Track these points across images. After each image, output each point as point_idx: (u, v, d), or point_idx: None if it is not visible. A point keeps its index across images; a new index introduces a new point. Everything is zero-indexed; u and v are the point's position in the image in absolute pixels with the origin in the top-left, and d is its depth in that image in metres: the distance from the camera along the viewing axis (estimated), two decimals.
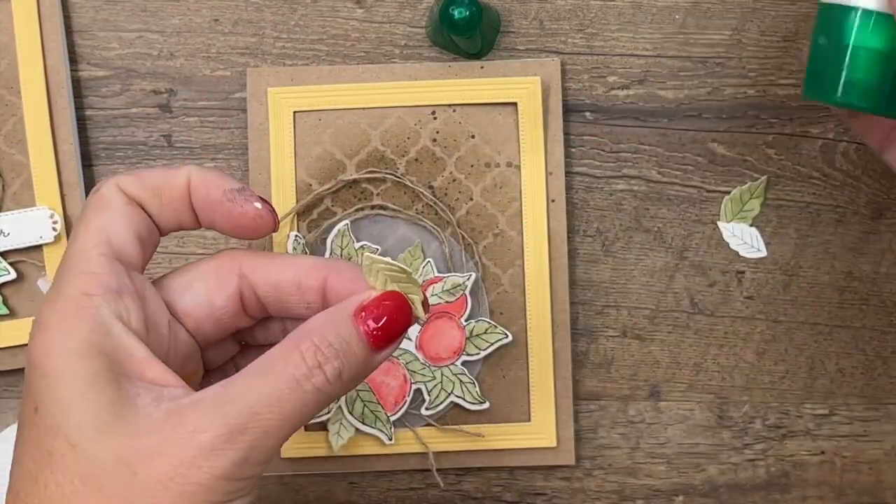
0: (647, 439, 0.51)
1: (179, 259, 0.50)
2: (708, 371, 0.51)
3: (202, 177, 0.36)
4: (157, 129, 0.51)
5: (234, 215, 0.36)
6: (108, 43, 0.51)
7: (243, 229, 0.37)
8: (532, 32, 0.51)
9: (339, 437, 0.49)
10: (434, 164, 0.50)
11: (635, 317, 0.51)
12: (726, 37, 0.51)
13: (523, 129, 0.50)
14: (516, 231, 0.50)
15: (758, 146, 0.51)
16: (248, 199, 0.36)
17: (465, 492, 0.50)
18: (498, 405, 0.50)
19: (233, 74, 0.51)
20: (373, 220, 0.50)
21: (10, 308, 0.49)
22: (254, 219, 0.36)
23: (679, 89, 0.51)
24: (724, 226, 0.50)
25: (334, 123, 0.50)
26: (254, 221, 0.36)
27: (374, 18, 0.51)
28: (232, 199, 0.36)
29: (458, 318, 0.49)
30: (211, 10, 0.51)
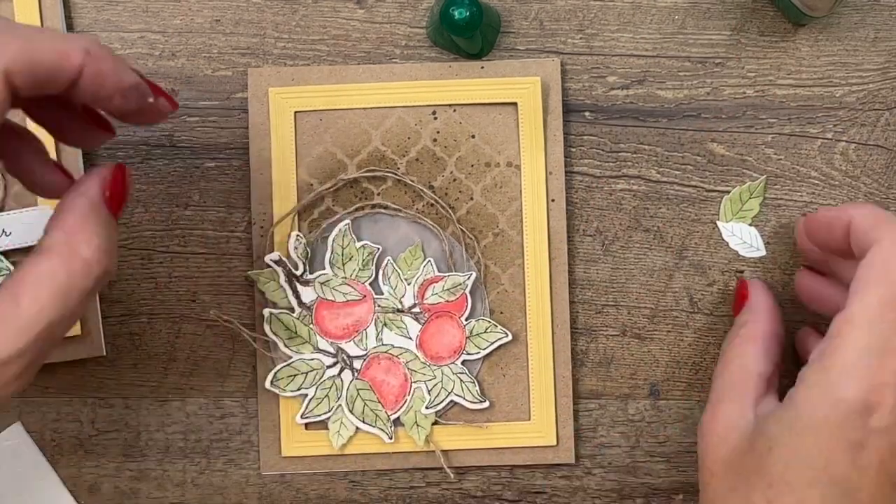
0: (646, 438, 0.51)
1: (180, 259, 0.50)
2: (707, 370, 0.51)
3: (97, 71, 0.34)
4: (158, 128, 0.51)
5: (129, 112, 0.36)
6: (110, 43, 0.51)
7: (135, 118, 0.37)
8: (532, 32, 0.51)
9: (339, 436, 0.49)
10: (434, 163, 0.50)
11: (635, 316, 0.51)
12: (726, 37, 0.51)
13: (523, 129, 0.50)
14: (516, 231, 0.50)
15: (757, 146, 0.51)
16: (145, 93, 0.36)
17: (465, 490, 0.51)
18: (498, 404, 0.50)
19: (234, 74, 0.51)
20: (373, 219, 0.50)
21: None
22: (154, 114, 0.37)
23: (678, 89, 0.51)
24: (723, 225, 0.50)
25: (335, 123, 0.50)
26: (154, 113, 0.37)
27: (375, 19, 0.51)
28: (128, 95, 0.35)
29: (458, 317, 0.50)
30: (212, 11, 0.51)
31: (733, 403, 0.42)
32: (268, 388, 0.49)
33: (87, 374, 0.50)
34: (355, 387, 0.49)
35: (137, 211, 0.51)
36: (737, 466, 0.40)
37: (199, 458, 0.50)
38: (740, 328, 0.46)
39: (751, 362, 0.43)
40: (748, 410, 0.41)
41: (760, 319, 0.46)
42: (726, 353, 0.45)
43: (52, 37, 0.34)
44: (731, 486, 0.40)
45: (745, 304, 0.47)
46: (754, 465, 0.39)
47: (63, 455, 0.50)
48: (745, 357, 0.44)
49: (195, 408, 0.51)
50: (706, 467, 0.41)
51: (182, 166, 0.51)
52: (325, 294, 0.50)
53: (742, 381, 0.43)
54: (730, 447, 0.41)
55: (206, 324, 0.51)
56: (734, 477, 0.40)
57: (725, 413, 0.42)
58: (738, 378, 0.43)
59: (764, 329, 0.45)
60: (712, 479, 0.41)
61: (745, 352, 0.44)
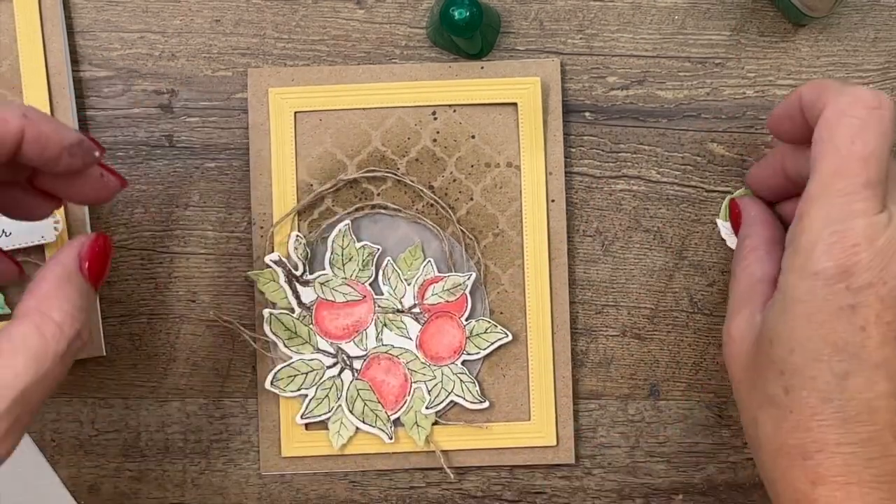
0: (646, 438, 0.51)
1: (180, 259, 0.51)
2: (707, 370, 0.51)
3: (38, 133, 0.35)
4: (158, 129, 0.51)
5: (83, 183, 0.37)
6: (110, 43, 0.51)
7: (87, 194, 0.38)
8: (532, 33, 0.51)
9: (339, 436, 0.49)
10: (434, 164, 0.50)
11: (635, 316, 0.51)
12: (725, 37, 0.51)
13: (523, 130, 0.50)
14: (516, 231, 0.50)
15: (757, 146, 0.51)
16: (89, 149, 0.36)
17: (465, 490, 0.51)
18: (498, 404, 0.50)
19: (234, 75, 0.51)
20: (373, 219, 0.50)
21: (12, 307, 0.49)
22: (106, 187, 0.38)
23: (678, 89, 0.51)
24: (722, 224, 0.50)
25: (335, 124, 0.50)
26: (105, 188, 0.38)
27: (375, 19, 0.51)
28: (73, 154, 0.36)
29: (458, 318, 0.50)
30: (212, 11, 0.51)
31: (743, 312, 0.43)
32: (268, 389, 0.49)
33: (87, 374, 0.50)
34: (355, 387, 0.49)
35: (137, 211, 0.51)
36: (752, 367, 0.41)
37: (199, 458, 0.50)
38: (741, 245, 0.46)
39: (755, 269, 0.44)
40: (756, 315, 0.42)
41: (757, 230, 0.46)
42: (734, 270, 0.46)
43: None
44: (751, 386, 0.41)
45: (741, 221, 0.48)
46: (764, 360, 0.40)
47: (63, 455, 0.50)
48: (748, 266, 0.45)
49: (195, 408, 0.51)
50: (732, 379, 0.43)
51: (182, 166, 0.51)
52: (325, 294, 0.50)
53: (748, 290, 0.44)
54: (745, 353, 0.42)
55: (206, 324, 0.51)
56: (752, 377, 0.41)
57: (737, 324, 0.43)
58: (744, 287, 0.44)
59: (762, 236, 0.46)
60: (739, 387, 0.42)
61: (749, 262, 0.45)
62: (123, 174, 0.50)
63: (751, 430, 0.41)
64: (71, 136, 0.36)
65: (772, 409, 0.40)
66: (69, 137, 0.36)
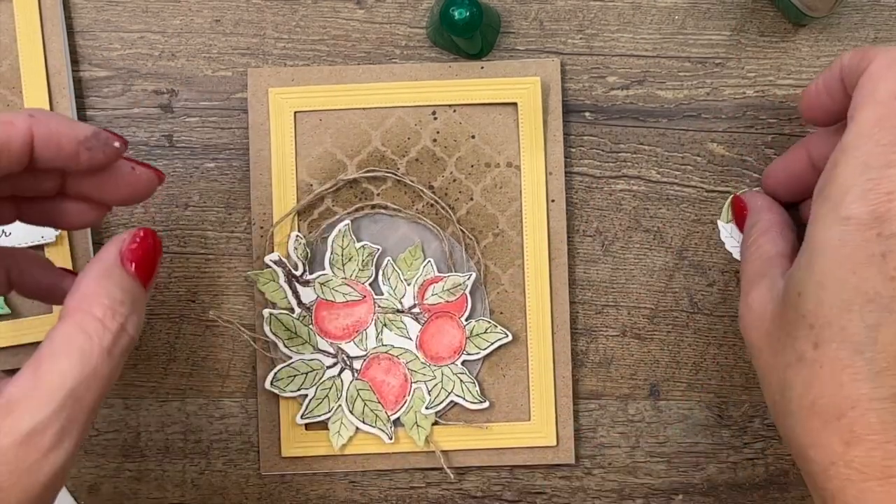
0: (646, 438, 0.51)
1: (180, 259, 0.51)
2: (707, 370, 0.51)
3: (48, 131, 0.34)
4: (158, 129, 0.51)
5: (122, 180, 0.36)
6: (110, 43, 0.51)
7: (122, 191, 0.36)
8: (532, 33, 0.51)
9: (339, 437, 0.49)
10: (434, 164, 0.50)
11: (635, 316, 0.51)
12: (725, 37, 0.51)
13: (523, 130, 0.50)
14: (516, 231, 0.50)
15: (757, 146, 0.51)
16: (108, 141, 0.35)
17: (465, 490, 0.51)
18: (498, 404, 0.50)
19: (234, 75, 0.51)
20: (373, 219, 0.50)
21: (12, 307, 0.49)
22: (140, 180, 0.36)
23: (678, 89, 0.51)
24: (723, 226, 0.50)
25: (335, 124, 0.50)
26: (139, 182, 0.37)
27: (375, 19, 0.51)
28: (91, 146, 0.34)
29: (458, 318, 0.50)
30: (212, 11, 0.51)
31: (761, 284, 0.42)
32: (268, 389, 0.49)
33: None
34: (355, 387, 0.49)
35: (137, 211, 0.51)
36: (777, 329, 0.40)
37: (199, 458, 0.50)
38: (750, 231, 0.45)
39: (768, 248, 0.43)
40: (777, 281, 0.41)
41: (765, 215, 0.45)
42: (744, 255, 0.45)
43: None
44: (777, 349, 0.39)
45: (746, 214, 0.47)
46: (792, 317, 0.39)
47: None
48: (761, 247, 0.44)
49: (195, 408, 0.51)
50: (753, 348, 0.41)
51: (182, 166, 0.51)
52: (325, 294, 0.50)
53: (764, 265, 0.42)
54: (767, 318, 0.40)
55: (206, 324, 0.51)
56: (778, 339, 0.39)
57: (756, 295, 0.41)
58: (759, 265, 0.43)
59: (770, 220, 0.45)
60: (761, 355, 0.41)
61: (760, 243, 0.44)
62: None
63: (778, 397, 0.39)
64: (85, 129, 0.35)
65: (801, 367, 0.38)
66: (83, 131, 0.35)
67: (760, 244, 0.44)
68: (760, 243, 0.44)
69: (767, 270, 0.42)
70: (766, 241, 0.44)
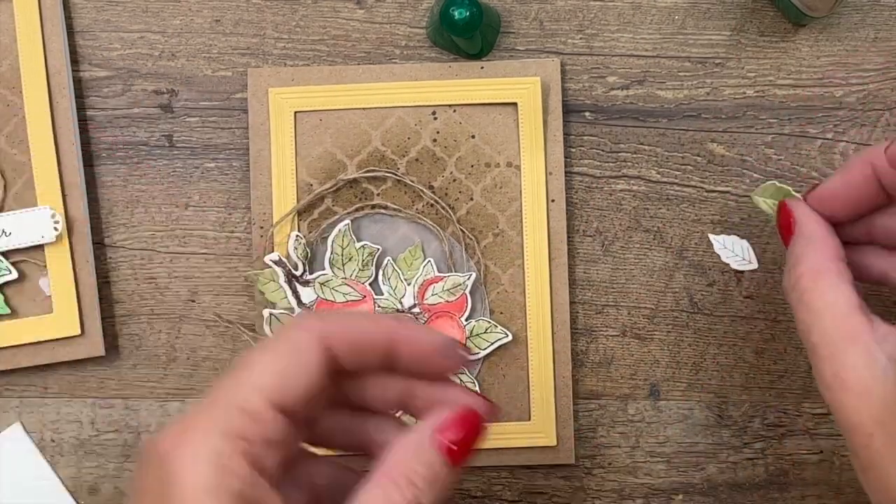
0: (646, 438, 0.51)
1: (180, 259, 0.50)
2: (707, 370, 0.51)
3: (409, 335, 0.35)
4: (158, 129, 0.51)
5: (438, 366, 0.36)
6: (110, 43, 0.51)
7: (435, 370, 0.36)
8: (532, 33, 0.51)
9: None
10: (434, 164, 0.50)
11: (635, 316, 0.51)
12: (725, 37, 0.51)
13: (523, 129, 0.50)
14: (516, 231, 0.50)
15: (757, 146, 0.51)
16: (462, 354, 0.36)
17: (465, 490, 0.51)
18: (498, 404, 0.50)
19: (234, 75, 0.51)
20: (373, 219, 0.50)
21: (12, 308, 0.49)
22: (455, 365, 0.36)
23: (678, 89, 0.51)
24: (714, 238, 0.50)
25: (335, 123, 0.50)
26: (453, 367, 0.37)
27: (375, 19, 0.51)
28: (446, 356, 0.35)
29: (458, 318, 0.50)
30: (212, 11, 0.51)
31: (851, 352, 0.37)
32: None
33: (87, 374, 0.50)
34: None
35: (137, 211, 0.51)
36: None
37: None
38: (801, 262, 0.40)
39: (840, 300, 0.38)
40: (874, 352, 0.37)
41: (819, 245, 0.40)
42: (805, 299, 0.39)
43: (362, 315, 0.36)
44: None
45: (794, 232, 0.42)
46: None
47: (63, 455, 0.50)
48: (828, 295, 0.39)
49: None
50: (859, 431, 0.37)
51: (182, 166, 0.51)
52: (325, 294, 0.50)
53: (841, 324, 0.38)
54: (878, 400, 0.36)
55: (206, 324, 0.51)
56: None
57: (849, 366, 0.37)
58: (834, 323, 0.38)
59: (828, 254, 0.40)
60: (871, 440, 0.36)
61: (825, 290, 0.39)
62: (123, 174, 0.50)
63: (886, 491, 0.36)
64: (440, 338, 0.36)
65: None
66: (439, 339, 0.36)
67: (825, 290, 0.39)
68: (823, 291, 0.39)
69: (853, 333, 0.38)
70: (829, 289, 0.39)
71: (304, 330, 0.33)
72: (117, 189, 0.51)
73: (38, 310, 0.49)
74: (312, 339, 0.33)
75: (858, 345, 0.37)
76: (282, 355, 0.33)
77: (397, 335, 0.35)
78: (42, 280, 0.49)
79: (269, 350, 0.33)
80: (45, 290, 0.49)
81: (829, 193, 0.42)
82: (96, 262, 0.50)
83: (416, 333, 0.35)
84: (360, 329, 0.35)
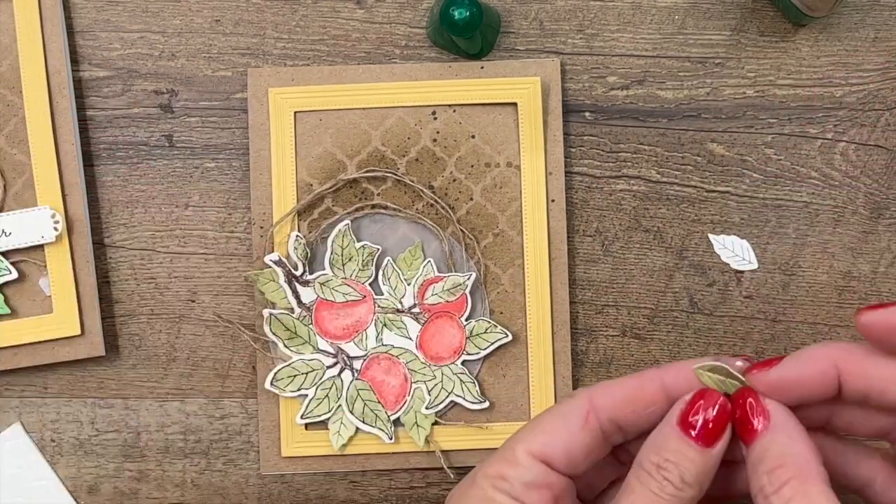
0: None
1: (180, 259, 0.50)
2: None
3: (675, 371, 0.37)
4: (158, 129, 0.51)
5: None
6: (110, 43, 0.51)
7: None
8: (532, 33, 0.51)
9: (339, 436, 0.49)
10: (434, 164, 0.50)
11: (635, 316, 0.51)
12: (725, 37, 0.51)
13: (523, 129, 0.50)
14: (516, 231, 0.50)
15: (757, 146, 0.51)
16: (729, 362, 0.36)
17: None
18: (498, 404, 0.50)
19: (234, 75, 0.51)
20: (373, 219, 0.50)
21: (12, 308, 0.49)
22: None
23: (678, 89, 0.51)
24: (714, 238, 0.50)
25: (335, 123, 0.50)
26: None
27: (375, 19, 0.51)
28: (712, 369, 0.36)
29: (458, 318, 0.50)
30: (212, 11, 0.51)
31: None
32: (268, 389, 0.49)
33: (87, 374, 0.50)
34: (355, 387, 0.49)
35: (137, 211, 0.51)
36: None
37: (199, 458, 0.50)
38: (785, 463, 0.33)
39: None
40: None
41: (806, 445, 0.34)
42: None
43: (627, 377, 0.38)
44: None
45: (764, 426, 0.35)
46: None
47: (63, 455, 0.50)
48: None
49: (195, 408, 0.51)
50: None
51: (182, 166, 0.51)
52: (325, 294, 0.50)
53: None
54: None
55: (206, 324, 0.51)
56: None
57: None
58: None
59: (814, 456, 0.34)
60: None
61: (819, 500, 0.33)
62: (123, 174, 0.50)
63: None
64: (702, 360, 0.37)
65: None
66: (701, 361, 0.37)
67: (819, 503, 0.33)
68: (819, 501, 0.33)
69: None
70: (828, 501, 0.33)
71: (573, 398, 0.37)
72: (117, 189, 0.51)
73: (38, 310, 0.49)
74: (579, 406, 0.37)
75: None
76: (550, 420, 0.37)
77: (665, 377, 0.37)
78: (42, 280, 0.49)
79: (543, 417, 0.37)
80: (45, 290, 0.49)
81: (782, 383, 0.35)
82: (96, 262, 0.50)
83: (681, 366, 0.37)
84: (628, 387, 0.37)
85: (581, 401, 0.37)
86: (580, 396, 0.37)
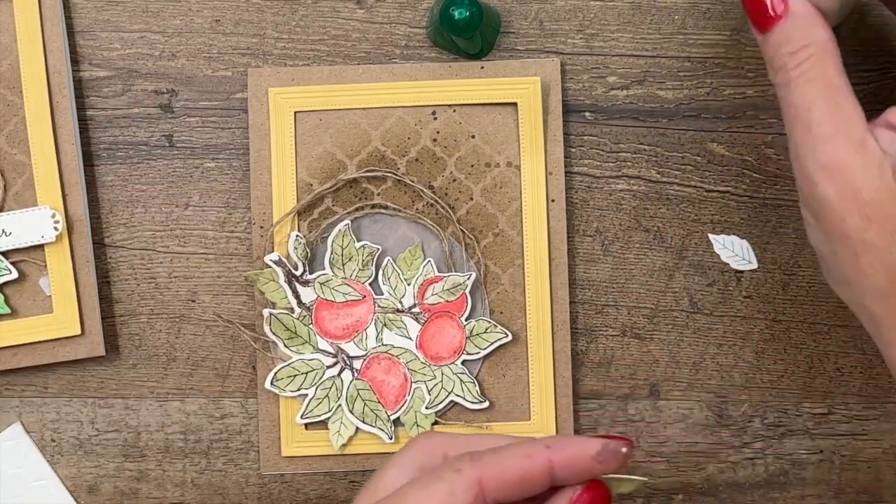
0: (646, 438, 0.51)
1: (180, 258, 0.51)
2: (707, 370, 0.51)
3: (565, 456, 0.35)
4: (158, 129, 0.51)
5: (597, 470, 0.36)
6: (110, 43, 0.51)
7: None
8: (532, 33, 0.51)
9: (339, 436, 0.49)
10: (434, 164, 0.50)
11: (635, 316, 0.51)
12: (725, 37, 0.51)
13: (523, 129, 0.50)
14: (516, 231, 0.50)
15: (757, 146, 0.51)
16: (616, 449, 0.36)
17: None
18: (498, 404, 0.50)
19: (234, 75, 0.51)
20: (373, 219, 0.50)
21: (12, 307, 0.49)
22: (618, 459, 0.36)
23: (678, 89, 0.51)
24: (714, 238, 0.50)
25: (335, 123, 0.50)
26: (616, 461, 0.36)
27: (375, 19, 0.51)
28: (603, 460, 0.35)
29: (458, 318, 0.50)
30: (212, 11, 0.51)
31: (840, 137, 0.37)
32: (268, 388, 0.49)
33: (87, 374, 0.50)
34: (355, 387, 0.49)
35: (137, 211, 0.51)
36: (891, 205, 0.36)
37: (199, 458, 0.50)
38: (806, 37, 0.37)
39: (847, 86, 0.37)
40: (867, 137, 0.37)
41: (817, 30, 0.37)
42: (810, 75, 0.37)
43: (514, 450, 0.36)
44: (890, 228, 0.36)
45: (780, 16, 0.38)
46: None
47: (63, 455, 0.50)
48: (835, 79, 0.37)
49: (195, 408, 0.51)
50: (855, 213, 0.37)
51: (182, 166, 0.51)
52: (325, 294, 0.50)
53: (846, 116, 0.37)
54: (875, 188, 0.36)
55: (206, 324, 0.51)
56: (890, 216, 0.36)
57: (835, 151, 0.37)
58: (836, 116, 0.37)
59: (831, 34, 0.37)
60: (870, 224, 0.36)
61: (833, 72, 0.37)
62: (123, 174, 0.50)
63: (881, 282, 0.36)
64: (594, 444, 0.36)
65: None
66: (593, 446, 0.36)
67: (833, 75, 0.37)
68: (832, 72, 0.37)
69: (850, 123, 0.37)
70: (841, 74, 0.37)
71: (461, 475, 0.34)
72: (117, 189, 0.51)
73: (38, 310, 0.49)
74: (469, 487, 0.34)
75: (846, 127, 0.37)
76: (435, 495, 0.34)
77: (555, 461, 0.35)
78: (42, 280, 0.49)
79: (424, 487, 0.34)
80: (45, 290, 0.49)
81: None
82: (96, 261, 0.50)
83: (571, 451, 0.35)
84: (518, 469, 0.35)
85: (470, 483, 0.34)
86: (468, 477, 0.35)
